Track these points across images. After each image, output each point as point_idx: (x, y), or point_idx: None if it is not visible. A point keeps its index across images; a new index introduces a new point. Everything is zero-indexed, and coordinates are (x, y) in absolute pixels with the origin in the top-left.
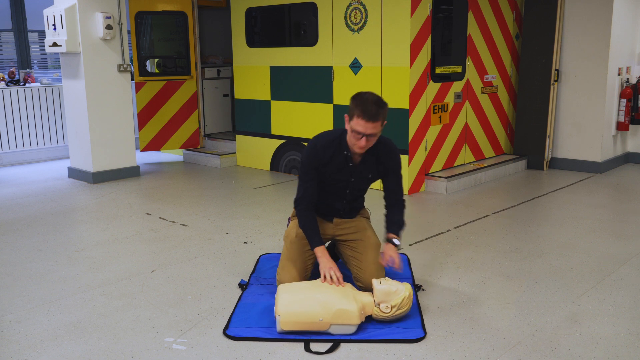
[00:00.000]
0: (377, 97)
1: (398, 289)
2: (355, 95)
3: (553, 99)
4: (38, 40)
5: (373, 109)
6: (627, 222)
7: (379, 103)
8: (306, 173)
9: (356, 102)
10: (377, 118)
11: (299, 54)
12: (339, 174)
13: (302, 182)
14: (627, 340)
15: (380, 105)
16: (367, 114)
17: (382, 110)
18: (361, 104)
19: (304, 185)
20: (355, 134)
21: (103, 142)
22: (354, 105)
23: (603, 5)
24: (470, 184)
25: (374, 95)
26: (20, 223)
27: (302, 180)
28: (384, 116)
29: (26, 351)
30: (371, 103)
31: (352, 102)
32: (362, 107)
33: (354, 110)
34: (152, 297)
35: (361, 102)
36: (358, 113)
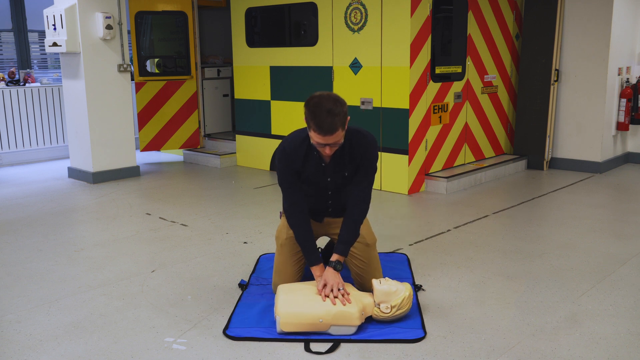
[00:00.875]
0: (331, 104)
1: (398, 289)
2: (308, 101)
3: (553, 99)
4: (38, 40)
5: (327, 122)
6: (627, 222)
7: (332, 112)
8: (285, 180)
9: (309, 113)
10: (334, 130)
11: (299, 54)
12: (315, 175)
13: (284, 190)
14: (627, 340)
15: (335, 113)
16: (322, 128)
17: (338, 118)
18: (314, 116)
19: (287, 193)
20: (316, 143)
21: (103, 142)
22: (307, 116)
23: (603, 5)
24: (470, 184)
25: (328, 100)
26: (20, 223)
27: (284, 188)
28: (342, 122)
29: (26, 351)
30: (325, 114)
31: (305, 111)
32: (315, 120)
33: (309, 121)
34: (152, 297)
35: (314, 115)
36: (313, 127)
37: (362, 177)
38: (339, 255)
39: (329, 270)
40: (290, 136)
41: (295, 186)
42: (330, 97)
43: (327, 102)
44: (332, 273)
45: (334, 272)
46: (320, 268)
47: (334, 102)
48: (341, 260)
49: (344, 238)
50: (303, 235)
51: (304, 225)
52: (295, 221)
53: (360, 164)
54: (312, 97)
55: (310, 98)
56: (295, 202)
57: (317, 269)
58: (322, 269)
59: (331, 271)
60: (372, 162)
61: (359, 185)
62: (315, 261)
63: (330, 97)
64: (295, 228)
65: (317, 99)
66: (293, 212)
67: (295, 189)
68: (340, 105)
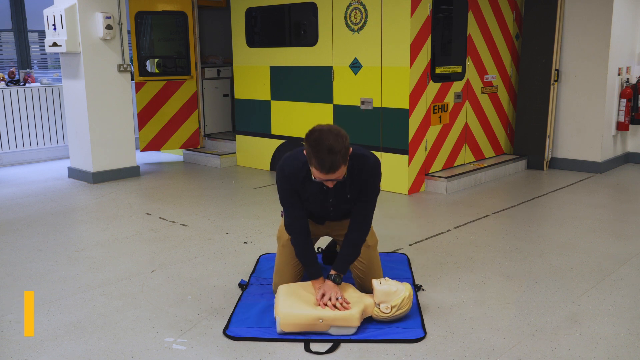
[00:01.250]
0: (332, 140)
1: (398, 289)
2: (309, 136)
3: (553, 99)
4: (38, 40)
5: (328, 161)
6: (627, 222)
7: (334, 150)
8: (286, 198)
9: (310, 150)
10: (336, 168)
11: (299, 54)
12: (316, 198)
13: (285, 207)
14: (627, 340)
15: (336, 151)
16: (323, 167)
17: (340, 155)
18: (315, 155)
19: (288, 210)
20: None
21: (103, 142)
22: (308, 152)
23: (603, 5)
24: (470, 184)
25: (329, 136)
26: (20, 223)
27: (285, 206)
28: (344, 158)
29: (26, 351)
30: (326, 153)
31: (306, 146)
32: (316, 159)
33: (310, 158)
34: (152, 297)
35: (315, 153)
36: (314, 164)
37: (364, 199)
38: (337, 272)
39: (327, 282)
40: (290, 158)
41: (296, 204)
42: (331, 132)
43: (328, 138)
44: (330, 284)
45: (333, 284)
46: (320, 281)
47: (335, 138)
48: (340, 275)
49: (345, 257)
50: (304, 251)
51: (304, 243)
52: (295, 238)
53: (362, 187)
54: (313, 132)
55: (310, 132)
56: (295, 218)
57: (317, 282)
58: (322, 282)
59: (330, 283)
60: (374, 185)
61: (361, 207)
62: (315, 275)
63: (331, 132)
64: (296, 244)
65: (318, 134)
66: (293, 229)
67: (295, 207)
68: (342, 140)
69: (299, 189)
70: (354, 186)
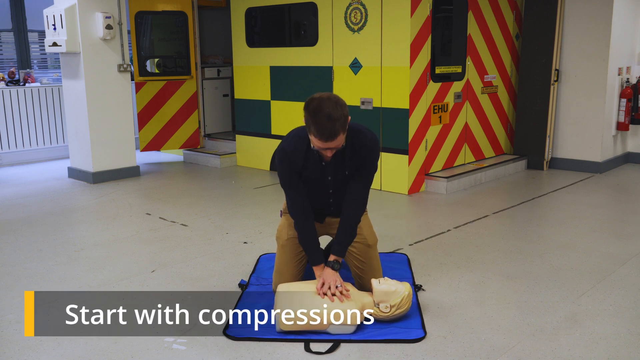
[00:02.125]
0: (331, 108)
1: (397, 289)
2: (308, 103)
3: (553, 99)
4: (38, 40)
5: (327, 128)
6: (627, 222)
7: (333, 117)
8: (287, 181)
9: (309, 118)
10: (335, 135)
11: (299, 54)
12: (315, 174)
13: (287, 190)
14: (627, 340)
15: (335, 118)
16: (322, 134)
17: (339, 122)
18: (314, 122)
19: (290, 194)
20: (317, 147)
21: (103, 142)
22: (307, 120)
23: (603, 5)
24: (470, 184)
25: (329, 104)
26: (20, 223)
27: (286, 189)
28: (343, 126)
29: (26, 351)
30: (325, 120)
31: (305, 114)
32: (315, 126)
33: (309, 126)
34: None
35: (314, 120)
36: (313, 132)
37: (361, 176)
38: (336, 256)
39: (327, 269)
40: (290, 136)
41: (297, 186)
42: (330, 99)
43: (327, 106)
44: (330, 272)
45: (333, 271)
46: (322, 268)
47: (334, 105)
48: (339, 260)
49: (341, 239)
50: (306, 235)
51: (307, 225)
52: (298, 221)
53: (360, 163)
54: (312, 100)
55: (309, 100)
56: (297, 202)
57: (319, 269)
58: (323, 268)
59: (329, 270)
60: (372, 162)
61: (356, 184)
62: (317, 261)
63: (330, 99)
64: (299, 227)
65: (317, 102)
66: (296, 212)
67: (297, 190)
68: (341, 108)
69: (299, 169)
70: (352, 162)
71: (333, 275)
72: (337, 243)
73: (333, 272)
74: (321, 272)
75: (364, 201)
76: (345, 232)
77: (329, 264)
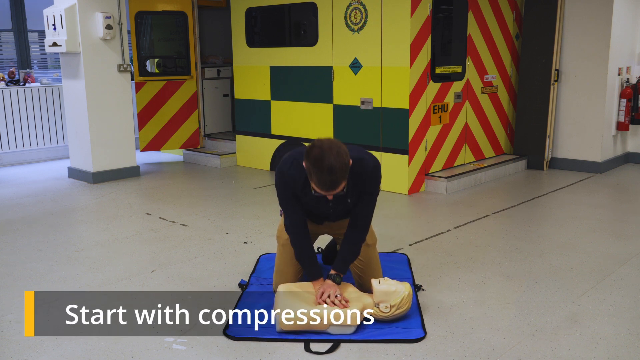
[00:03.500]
0: (333, 159)
1: (397, 289)
2: (309, 152)
3: (553, 99)
4: (38, 40)
5: (328, 181)
6: (627, 222)
7: (334, 170)
8: (285, 201)
9: (310, 167)
10: (336, 186)
11: (299, 54)
12: (316, 203)
13: (285, 209)
14: (627, 340)
15: (336, 170)
16: (324, 186)
17: (340, 174)
18: (315, 173)
19: (287, 212)
20: (317, 192)
21: (103, 142)
22: (308, 169)
23: (603, 5)
24: (470, 184)
25: (330, 155)
26: (20, 223)
27: (284, 209)
28: (344, 175)
29: (26, 351)
30: (326, 173)
31: (306, 162)
32: (316, 177)
33: (310, 174)
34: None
35: (315, 172)
36: (314, 182)
37: (364, 202)
38: (337, 271)
39: (327, 281)
40: (289, 161)
41: (296, 206)
42: (332, 149)
43: (329, 158)
44: (330, 283)
45: (333, 283)
46: (320, 282)
47: (336, 156)
48: (340, 275)
49: (344, 257)
50: (303, 253)
51: (303, 244)
52: (295, 239)
53: (362, 190)
54: (313, 148)
55: (311, 148)
56: (295, 220)
57: (317, 283)
58: (321, 282)
59: (330, 282)
60: (375, 186)
61: (360, 208)
62: (316, 275)
63: (332, 149)
64: (296, 246)
65: (318, 151)
66: (293, 231)
67: (296, 209)
68: (342, 158)
69: (298, 193)
70: (354, 190)
71: (333, 287)
72: (340, 259)
73: (333, 284)
74: (319, 285)
75: (369, 221)
76: (349, 251)
77: (330, 277)
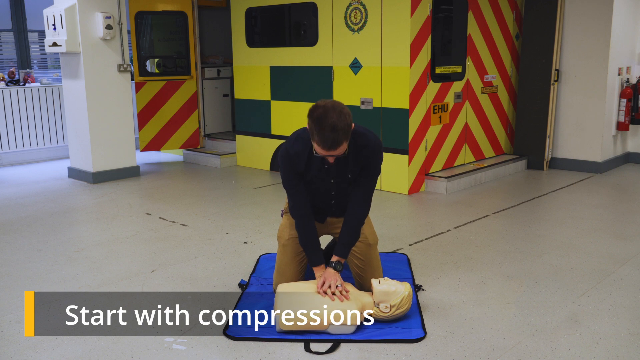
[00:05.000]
0: (335, 118)
1: (397, 289)
2: (312, 111)
3: (553, 99)
4: (38, 40)
5: (330, 138)
6: (627, 222)
7: (336, 128)
8: (289, 181)
9: (313, 126)
10: (337, 145)
11: (299, 54)
12: (318, 177)
13: (288, 190)
14: (627, 340)
15: (339, 129)
16: (325, 144)
17: (342, 132)
18: (317, 131)
19: (291, 192)
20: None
21: (103, 142)
22: (311, 128)
23: (603, 5)
24: (470, 184)
25: (333, 114)
26: (20, 223)
27: (288, 188)
28: (346, 135)
29: (26, 351)
30: (328, 130)
31: (309, 121)
32: (319, 136)
33: (312, 134)
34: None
35: (317, 130)
36: (317, 141)
37: (364, 179)
38: (339, 257)
39: (328, 269)
40: (293, 137)
41: (299, 188)
42: (334, 109)
43: (331, 115)
44: (332, 272)
45: (334, 271)
46: (322, 268)
47: (338, 115)
48: (341, 261)
49: (345, 240)
50: (306, 236)
51: (308, 226)
52: (299, 222)
53: (364, 166)
54: (316, 108)
55: (314, 108)
56: (298, 203)
57: (319, 269)
58: (323, 269)
59: (331, 270)
60: (376, 165)
61: (360, 187)
62: (318, 262)
63: (334, 109)
64: (299, 229)
65: (322, 110)
66: (297, 213)
67: (299, 191)
68: (345, 118)
69: (302, 170)
70: (355, 165)
71: (334, 275)
72: (341, 244)
73: (334, 272)
74: (321, 272)
75: (367, 203)
76: (349, 233)
77: (331, 264)
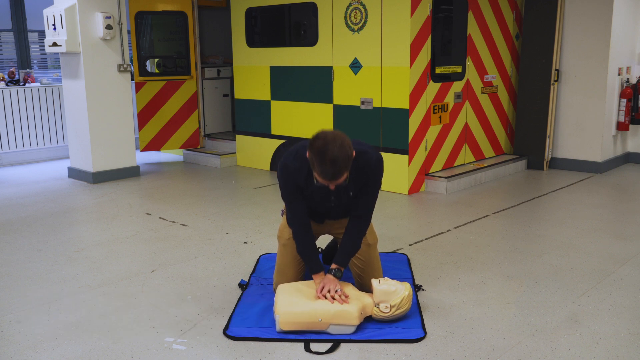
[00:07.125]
0: (336, 151)
1: (397, 289)
2: (312, 143)
3: (553, 99)
4: (38, 40)
5: (330, 172)
6: (627, 222)
7: (337, 162)
8: (288, 194)
9: (313, 158)
10: (338, 177)
11: (299, 54)
12: (318, 196)
13: (287, 203)
14: (627, 340)
15: (339, 162)
16: (326, 176)
17: (343, 165)
18: (318, 164)
19: (290, 206)
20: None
21: (103, 142)
22: (312, 160)
23: (603, 5)
24: (470, 184)
25: (334, 146)
26: (20, 223)
27: (287, 202)
28: (347, 166)
29: (26, 351)
30: (329, 165)
31: (309, 153)
32: (319, 168)
33: (313, 165)
34: (152, 297)
35: (318, 162)
36: (317, 172)
37: (366, 194)
38: (338, 265)
39: (328, 275)
40: (292, 153)
41: (298, 200)
42: (335, 141)
43: (332, 149)
44: (331, 278)
45: (333, 277)
46: (321, 275)
47: (339, 148)
48: (341, 269)
49: (345, 250)
50: (304, 246)
51: (306, 236)
52: (297, 231)
53: (365, 182)
54: (317, 139)
55: (314, 139)
56: (298, 214)
57: (318, 277)
58: (322, 276)
59: (330, 276)
60: (377, 180)
61: (362, 200)
62: (317, 269)
63: (335, 141)
64: (297, 238)
65: (322, 143)
66: (295, 225)
67: (299, 202)
68: (346, 150)
69: (301, 185)
70: (356, 183)
71: (334, 281)
72: (341, 253)
73: (334, 278)
74: (320, 279)
75: (370, 215)
76: (350, 245)
77: (330, 271)
